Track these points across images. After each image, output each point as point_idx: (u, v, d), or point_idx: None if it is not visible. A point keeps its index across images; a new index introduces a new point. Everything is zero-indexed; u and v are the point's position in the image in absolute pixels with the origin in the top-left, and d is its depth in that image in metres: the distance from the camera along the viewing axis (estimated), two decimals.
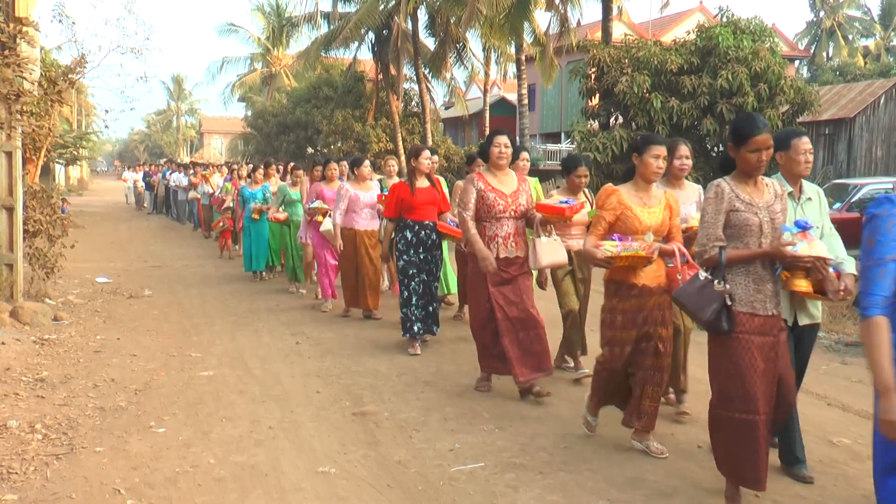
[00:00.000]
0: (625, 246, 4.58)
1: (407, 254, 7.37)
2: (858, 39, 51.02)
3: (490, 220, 5.94)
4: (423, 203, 7.43)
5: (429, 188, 7.54)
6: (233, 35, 41.75)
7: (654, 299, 4.71)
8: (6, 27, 7.94)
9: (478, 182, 5.99)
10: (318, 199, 9.55)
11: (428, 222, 7.47)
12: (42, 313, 8.25)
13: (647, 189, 4.79)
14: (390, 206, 7.52)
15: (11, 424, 5.13)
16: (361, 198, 8.88)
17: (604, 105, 16.87)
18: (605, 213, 4.72)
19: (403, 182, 7.57)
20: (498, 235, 5.92)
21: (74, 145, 29.22)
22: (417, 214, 7.41)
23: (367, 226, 8.93)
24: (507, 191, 5.99)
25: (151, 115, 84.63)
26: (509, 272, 5.91)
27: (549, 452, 4.85)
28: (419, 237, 7.39)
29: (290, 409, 5.69)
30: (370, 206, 8.94)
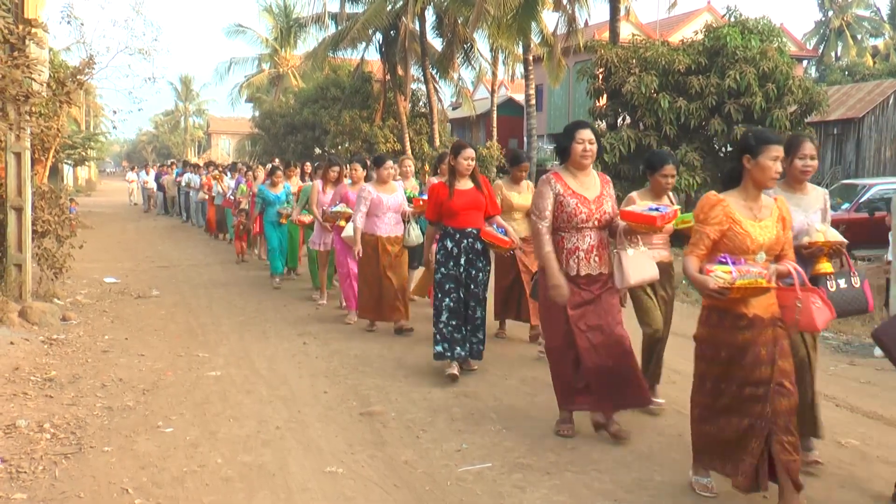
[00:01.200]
0: (741, 272, 3.78)
1: (445, 266, 6.47)
2: (867, 39, 50.79)
3: (569, 230, 4.98)
4: (464, 207, 6.49)
5: (472, 190, 6.57)
6: (240, 36, 41.83)
7: (769, 333, 3.92)
8: (15, 29, 7.96)
9: (556, 184, 5.02)
10: (343, 203, 8.91)
11: (470, 230, 6.51)
12: (50, 313, 8.28)
13: (758, 198, 4.01)
14: (430, 207, 6.74)
15: (20, 424, 5.15)
16: (384, 201, 8.17)
17: (611, 105, 16.87)
18: (709, 228, 3.94)
19: (442, 183, 6.70)
20: (579, 248, 4.97)
21: (83, 146, 29.32)
22: (459, 221, 6.51)
23: (391, 231, 8.22)
24: (590, 195, 5.01)
25: (159, 115, 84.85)
26: (592, 291, 4.99)
27: (556, 453, 4.85)
28: (460, 247, 6.48)
29: (297, 409, 5.69)
30: (394, 210, 8.24)
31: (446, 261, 6.49)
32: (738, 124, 15.10)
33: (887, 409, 5.82)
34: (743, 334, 3.91)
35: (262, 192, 11.65)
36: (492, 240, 6.55)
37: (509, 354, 7.34)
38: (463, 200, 6.51)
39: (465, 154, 6.53)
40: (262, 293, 10.98)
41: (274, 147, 35.19)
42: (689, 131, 15.51)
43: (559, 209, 4.97)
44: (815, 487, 4.30)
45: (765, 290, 3.86)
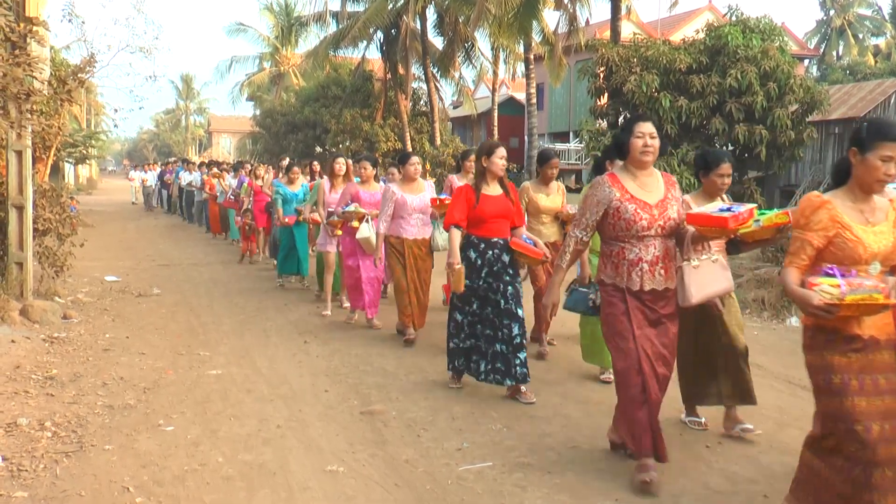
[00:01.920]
0: (852, 286, 3.24)
1: (468, 279, 5.87)
2: (869, 38, 50.80)
3: (629, 239, 4.28)
4: (492, 215, 5.87)
5: (501, 197, 5.93)
6: (241, 34, 41.90)
7: (886, 356, 3.41)
8: (17, 27, 7.96)
9: (611, 190, 4.32)
10: (354, 203, 8.32)
11: (497, 240, 5.90)
12: (51, 312, 8.29)
13: (869, 199, 3.48)
14: (456, 210, 5.94)
15: (21, 422, 5.15)
16: (410, 201, 7.61)
17: (612, 104, 16.86)
18: (812, 234, 3.41)
19: (469, 185, 6.03)
20: (643, 260, 4.27)
21: (84, 144, 29.33)
22: (485, 229, 5.90)
23: (418, 234, 7.68)
24: (652, 199, 4.32)
25: (160, 114, 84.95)
26: (657, 309, 4.32)
27: (557, 452, 4.85)
28: (485, 258, 5.87)
29: (297, 408, 5.70)
30: (421, 211, 7.70)
31: (469, 273, 5.88)
32: (739, 123, 15.10)
33: None
34: (856, 358, 3.37)
35: (279, 188, 11.09)
36: (522, 251, 5.90)
37: None
38: (492, 207, 5.89)
39: (500, 153, 5.86)
40: (263, 292, 10.98)
41: (275, 145, 35.24)
42: (690, 130, 15.49)
43: (615, 217, 4.28)
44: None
45: (881, 308, 3.29)
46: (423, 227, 7.73)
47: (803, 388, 6.07)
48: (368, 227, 7.98)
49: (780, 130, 15.19)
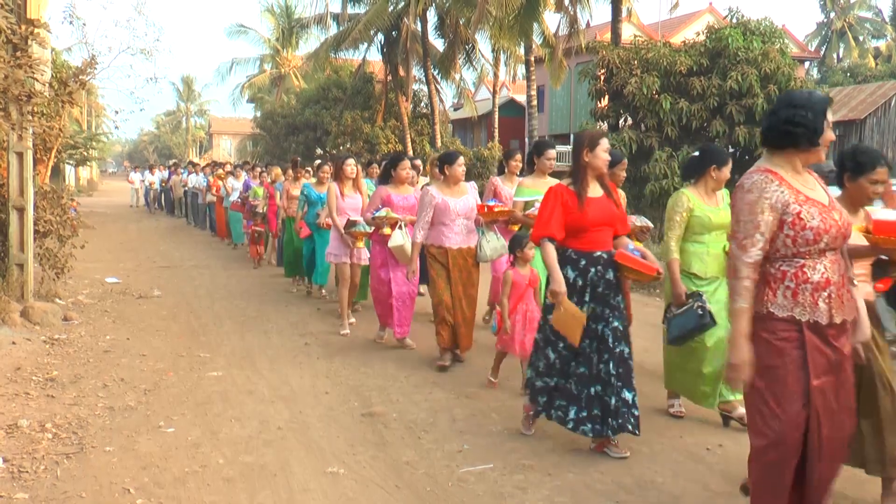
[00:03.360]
0: None
1: None
2: (869, 41, 50.87)
3: (812, 255, 3.16)
4: (596, 222, 4.76)
5: (604, 199, 4.83)
6: (242, 36, 41.99)
7: None
8: (18, 29, 7.97)
9: (777, 189, 3.18)
10: (385, 207, 7.50)
11: (601, 253, 4.77)
12: (52, 313, 8.29)
13: None
14: (549, 221, 4.78)
15: (22, 423, 5.15)
16: (453, 206, 6.80)
17: (613, 106, 16.87)
18: None
19: (566, 186, 4.84)
20: (830, 282, 3.17)
21: (84, 146, 29.35)
22: (586, 240, 4.77)
23: (463, 242, 6.84)
24: (825, 200, 3.26)
25: (161, 115, 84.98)
26: (838, 347, 3.19)
27: (557, 454, 4.85)
28: (587, 277, 4.74)
29: (298, 410, 5.70)
30: (465, 216, 6.85)
31: (568, 295, 4.72)
32: (740, 126, 15.11)
33: None
34: None
35: (307, 189, 10.02)
36: (632, 265, 4.77)
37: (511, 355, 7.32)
38: (596, 213, 4.76)
39: (604, 145, 4.79)
40: (263, 294, 10.98)
41: (276, 147, 35.27)
42: (690, 133, 15.50)
43: (796, 226, 3.14)
44: None
45: None
46: (468, 235, 6.87)
47: None
48: (402, 235, 7.23)
49: None
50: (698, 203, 5.30)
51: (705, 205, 5.32)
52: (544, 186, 6.50)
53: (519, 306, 5.96)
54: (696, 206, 5.28)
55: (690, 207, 5.28)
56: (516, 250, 6.06)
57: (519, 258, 6.05)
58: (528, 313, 5.94)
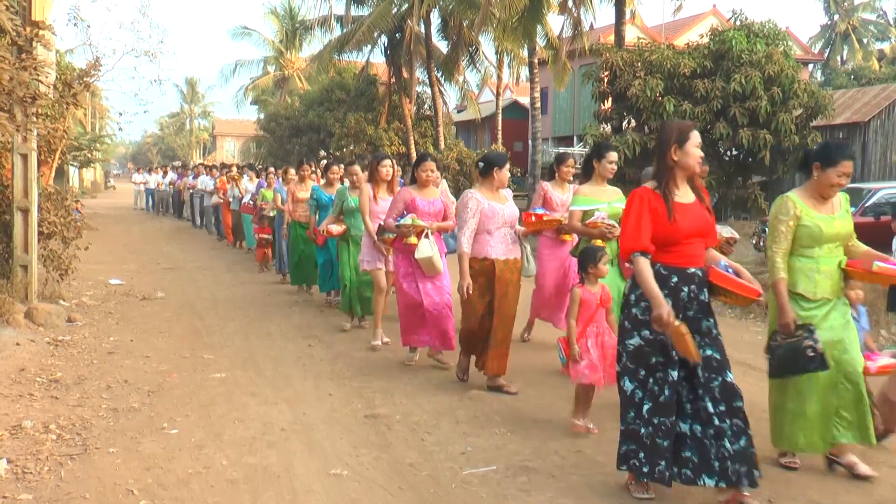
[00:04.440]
0: None
1: (649, 327, 4.06)
2: (873, 43, 50.79)
3: None
4: (689, 233, 4.06)
5: (696, 206, 4.15)
6: (246, 38, 42.01)
7: None
8: (23, 31, 7.99)
9: None
10: (411, 214, 6.81)
11: (695, 270, 4.10)
12: (56, 315, 8.30)
13: None
14: (638, 231, 4.05)
15: (26, 425, 5.16)
16: (500, 212, 6.09)
17: (616, 108, 16.87)
18: None
19: (651, 190, 4.12)
20: None
21: (88, 148, 29.40)
22: (678, 255, 4.08)
23: (509, 253, 6.13)
24: None
25: (165, 117, 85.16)
26: None
27: (561, 456, 4.84)
28: (678, 298, 4.07)
29: (302, 411, 5.70)
30: (510, 225, 6.18)
31: (648, 322, 4.06)
32: (743, 128, 15.10)
33: None
34: None
35: (316, 192, 9.64)
36: (729, 286, 4.10)
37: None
38: (689, 222, 4.07)
39: (695, 140, 4.10)
40: (267, 295, 10.99)
41: (279, 149, 35.32)
42: None
43: None
44: (822, 492, 4.29)
45: None
46: (512, 245, 6.18)
47: None
48: (429, 244, 6.63)
49: (784, 135, 15.19)
50: (807, 210, 4.49)
51: (816, 212, 4.50)
52: (604, 194, 6.30)
53: (589, 329, 5.23)
54: (804, 213, 4.48)
55: (797, 215, 4.47)
56: (589, 265, 5.29)
57: (591, 274, 5.30)
58: (600, 336, 5.23)
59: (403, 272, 6.86)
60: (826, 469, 4.62)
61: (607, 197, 6.31)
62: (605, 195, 6.32)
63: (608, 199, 6.30)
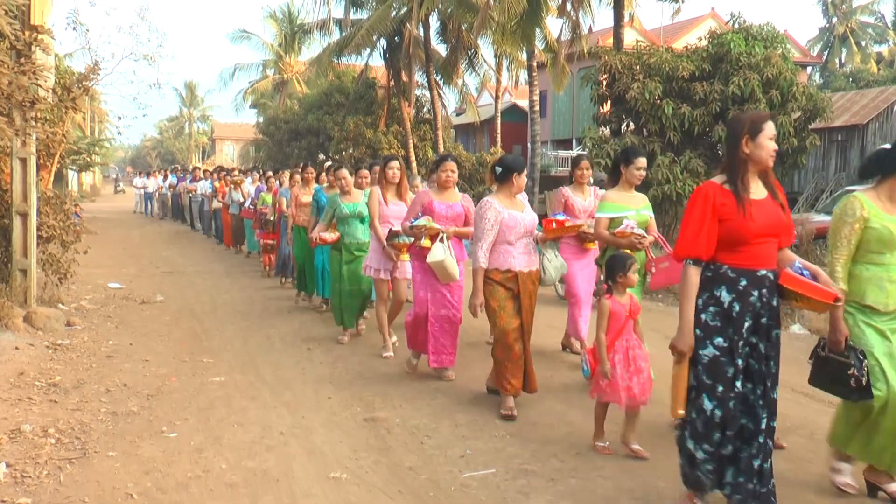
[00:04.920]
0: None
1: (722, 334, 3.72)
2: (871, 45, 50.86)
3: None
4: (761, 231, 3.70)
5: (768, 201, 3.77)
6: (245, 42, 42.02)
7: None
8: (22, 35, 8.00)
9: None
10: (426, 216, 6.51)
11: (766, 272, 3.74)
12: (55, 318, 8.30)
13: None
14: (702, 235, 3.72)
15: (25, 429, 5.16)
16: (520, 221, 5.69)
17: (615, 111, 16.86)
18: None
19: (718, 185, 3.77)
20: None
21: (87, 152, 29.42)
22: (748, 255, 3.71)
23: (531, 264, 5.76)
24: None
25: (164, 121, 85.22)
26: None
27: (560, 459, 4.84)
28: (746, 303, 3.71)
29: (301, 415, 5.70)
30: (530, 234, 5.81)
31: (723, 326, 3.73)
32: None
33: None
34: None
35: (318, 194, 9.37)
36: (804, 290, 3.72)
37: None
38: (763, 219, 3.70)
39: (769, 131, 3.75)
40: (266, 299, 10.99)
41: (278, 153, 35.34)
42: (692, 138, 15.48)
43: None
44: (820, 494, 4.29)
45: None
46: (533, 255, 5.84)
47: (806, 395, 6.09)
48: (443, 249, 6.30)
49: (782, 138, 15.17)
50: (877, 212, 4.08)
51: (887, 214, 4.09)
52: (631, 201, 6.09)
53: (618, 343, 4.88)
54: (873, 215, 4.06)
55: (865, 217, 4.06)
56: (618, 274, 4.96)
57: (619, 284, 4.97)
58: (630, 351, 4.89)
59: (419, 278, 6.60)
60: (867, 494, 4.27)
61: (635, 204, 6.10)
62: (633, 202, 6.10)
63: (636, 205, 6.09)
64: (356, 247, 7.96)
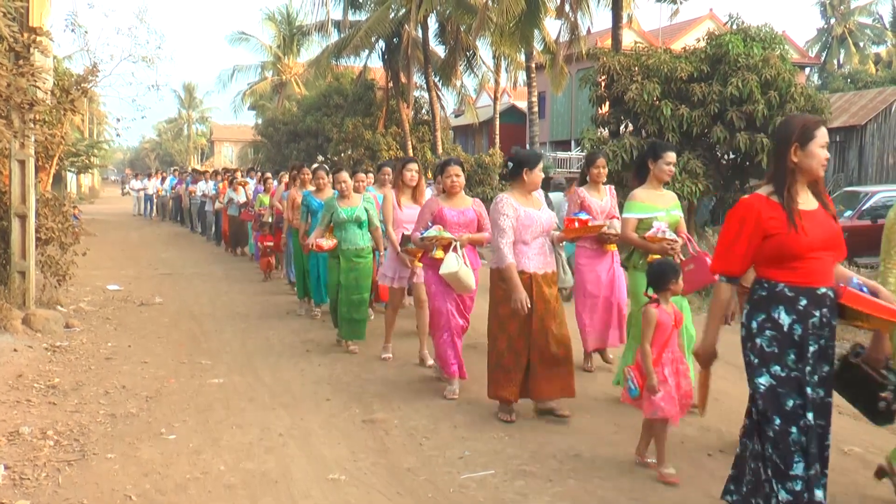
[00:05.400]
0: None
1: (780, 361, 3.38)
2: (870, 46, 50.90)
3: None
4: (815, 245, 3.37)
5: (820, 212, 3.46)
6: (244, 43, 42.01)
7: None
8: (20, 37, 8.00)
9: None
10: (437, 225, 6.15)
11: (825, 290, 3.40)
12: (54, 320, 8.30)
13: None
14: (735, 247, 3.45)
15: (24, 431, 5.16)
16: (536, 219, 5.44)
17: (614, 113, 16.85)
18: None
19: (765, 197, 3.44)
20: None
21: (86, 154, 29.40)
22: (804, 272, 3.38)
23: (546, 265, 5.49)
24: None
25: (162, 123, 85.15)
26: None
27: (558, 460, 4.84)
28: (807, 325, 3.38)
29: (300, 417, 5.70)
30: (547, 232, 5.55)
31: (781, 351, 3.39)
32: (741, 132, 15.09)
33: None
34: None
35: (307, 198, 9.13)
36: (866, 308, 3.38)
37: None
38: (817, 232, 3.39)
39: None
40: (265, 300, 10.98)
41: (277, 154, 35.33)
42: (691, 139, 15.47)
43: None
44: None
45: None
46: (549, 255, 5.55)
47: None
48: (457, 259, 5.96)
49: None
50: None
51: None
52: (661, 200, 5.68)
53: (665, 355, 4.57)
54: None
55: None
56: (669, 282, 4.62)
57: (667, 291, 4.65)
58: (676, 363, 4.62)
59: (435, 290, 6.20)
60: None
61: (665, 203, 5.69)
62: (663, 201, 5.69)
63: (665, 205, 5.68)
64: (355, 253, 7.60)
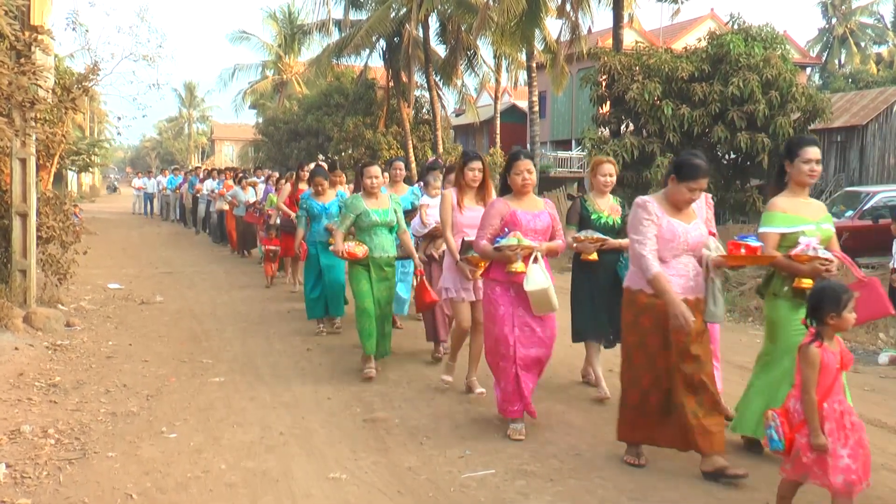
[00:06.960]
0: None
1: None
2: (871, 46, 50.87)
3: None
4: None
5: None
6: (244, 42, 42.07)
7: None
8: (22, 35, 8.00)
9: None
10: (514, 231, 5.10)
11: None
12: (55, 319, 8.30)
13: None
14: None
15: (25, 429, 5.16)
16: (680, 234, 4.44)
17: (615, 112, 16.86)
18: None
19: None
20: None
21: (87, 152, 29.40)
22: None
23: (689, 291, 4.46)
24: None
25: (163, 122, 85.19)
26: None
27: (559, 460, 4.84)
28: None
29: (300, 416, 5.70)
30: (694, 250, 4.52)
31: None
32: (742, 132, 15.10)
33: (891, 416, 5.81)
34: None
35: (307, 202, 8.62)
36: None
37: None
38: None
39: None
40: (266, 299, 10.98)
41: (277, 153, 35.37)
42: (692, 139, 15.49)
43: None
44: (820, 495, 4.29)
45: None
46: (694, 279, 4.50)
47: None
48: (542, 271, 5.07)
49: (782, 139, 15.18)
50: None
51: None
52: (807, 209, 4.62)
53: (828, 404, 3.71)
54: None
55: None
56: (831, 313, 3.72)
57: (831, 326, 3.75)
58: (847, 415, 3.74)
59: (503, 312, 5.16)
60: None
61: (813, 214, 4.62)
62: (811, 211, 4.62)
63: (814, 217, 4.61)
64: (386, 262, 6.72)
